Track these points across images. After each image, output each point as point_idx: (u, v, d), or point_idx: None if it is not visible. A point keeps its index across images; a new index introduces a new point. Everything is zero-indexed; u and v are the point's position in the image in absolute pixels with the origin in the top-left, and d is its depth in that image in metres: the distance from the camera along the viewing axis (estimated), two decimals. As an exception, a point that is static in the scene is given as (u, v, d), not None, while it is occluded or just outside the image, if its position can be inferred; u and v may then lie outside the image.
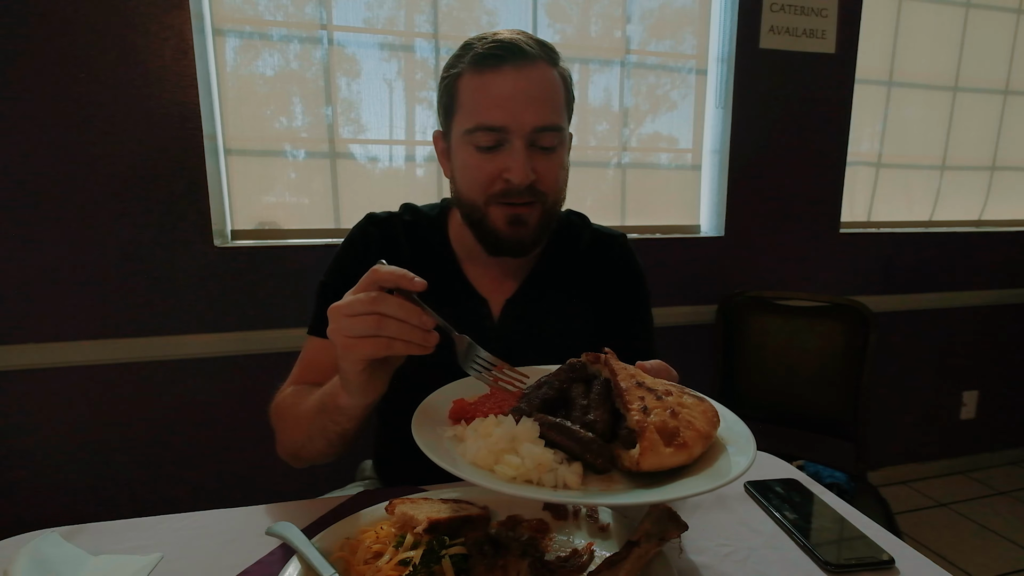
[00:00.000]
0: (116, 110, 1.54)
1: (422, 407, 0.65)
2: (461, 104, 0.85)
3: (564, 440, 0.57)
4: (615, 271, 1.03)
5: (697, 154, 2.15)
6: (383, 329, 0.61)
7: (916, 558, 0.64)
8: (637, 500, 0.52)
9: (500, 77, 0.81)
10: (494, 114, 0.81)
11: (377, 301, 0.61)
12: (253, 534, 0.68)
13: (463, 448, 0.57)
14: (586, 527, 0.66)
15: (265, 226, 1.78)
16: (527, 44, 0.83)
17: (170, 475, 1.73)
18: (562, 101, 0.87)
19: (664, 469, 0.55)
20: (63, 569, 0.62)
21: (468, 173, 0.86)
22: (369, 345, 0.62)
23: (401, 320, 0.62)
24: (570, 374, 0.67)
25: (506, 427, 0.57)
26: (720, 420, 0.61)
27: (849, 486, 1.64)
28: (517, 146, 0.82)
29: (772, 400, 1.93)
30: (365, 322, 0.61)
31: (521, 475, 0.53)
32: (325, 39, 1.74)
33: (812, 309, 1.89)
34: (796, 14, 2.04)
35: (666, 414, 0.57)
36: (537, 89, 0.82)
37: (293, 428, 0.85)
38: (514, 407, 0.62)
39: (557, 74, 0.87)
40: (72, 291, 1.58)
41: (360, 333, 0.62)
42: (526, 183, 0.82)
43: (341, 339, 0.63)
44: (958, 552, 2.05)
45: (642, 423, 0.55)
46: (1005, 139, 2.55)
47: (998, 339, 2.59)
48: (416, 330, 0.62)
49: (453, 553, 0.56)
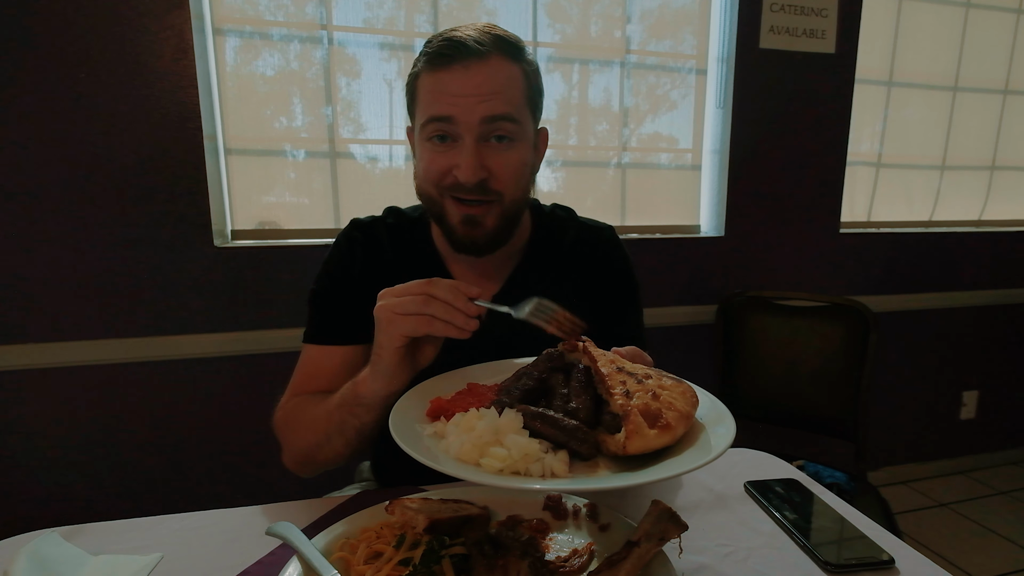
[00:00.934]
0: (116, 110, 1.54)
1: (397, 407, 0.65)
2: (419, 102, 0.86)
3: (548, 429, 0.57)
4: (602, 264, 1.02)
5: (697, 154, 2.15)
6: (428, 307, 0.66)
7: (916, 558, 0.64)
8: (626, 483, 0.52)
9: (450, 74, 0.82)
10: (443, 106, 0.82)
11: (431, 284, 0.68)
12: (253, 534, 0.68)
13: (446, 444, 0.57)
14: (586, 527, 0.66)
15: (265, 226, 1.78)
16: (477, 41, 0.83)
17: (170, 475, 1.73)
18: (520, 94, 0.85)
19: (650, 451, 0.55)
20: (63, 569, 0.62)
21: (423, 167, 0.87)
22: (412, 321, 0.67)
23: (447, 302, 0.66)
24: (548, 364, 0.67)
25: (489, 419, 0.58)
26: (698, 401, 0.62)
27: (849, 486, 1.64)
28: (467, 142, 0.82)
29: (772, 400, 1.93)
30: (415, 300, 0.67)
31: (508, 467, 0.53)
32: (325, 39, 1.74)
33: (812, 309, 1.89)
34: (796, 14, 2.04)
35: (648, 397, 0.58)
36: (488, 83, 0.82)
37: (307, 432, 0.85)
38: (495, 399, 0.63)
39: (519, 68, 0.86)
40: (72, 291, 1.58)
41: (406, 310, 0.67)
42: (473, 181, 0.82)
43: (387, 314, 0.68)
44: (958, 552, 2.05)
45: (625, 407, 0.56)
46: (1005, 139, 2.55)
47: (998, 339, 2.59)
48: (458, 313, 0.67)
49: (453, 553, 0.56)
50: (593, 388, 0.63)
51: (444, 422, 0.61)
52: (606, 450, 0.57)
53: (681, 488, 0.80)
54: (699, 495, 0.78)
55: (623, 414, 0.56)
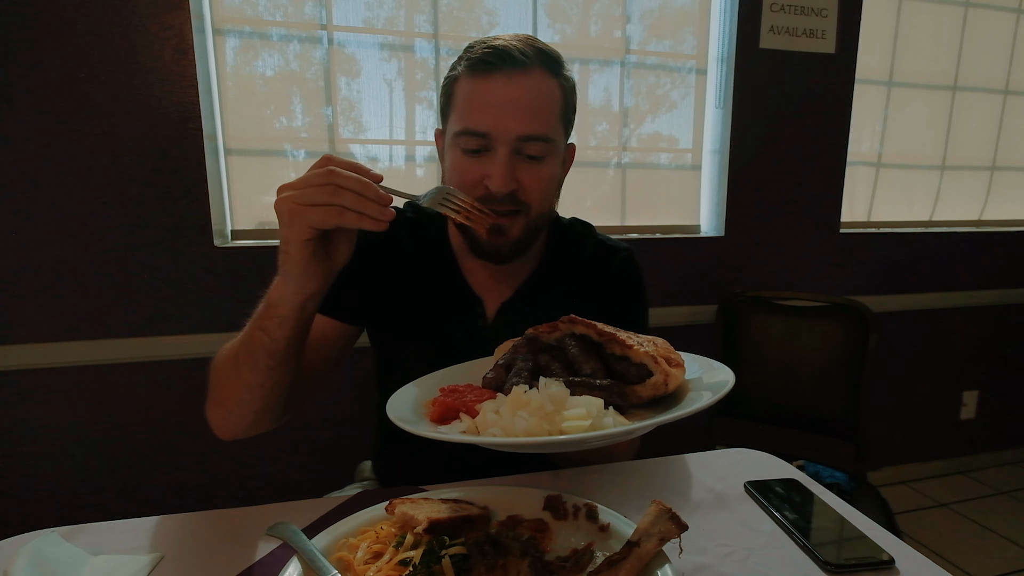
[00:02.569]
0: (116, 110, 1.54)
1: (393, 414, 0.62)
2: (455, 107, 0.86)
3: (588, 392, 0.61)
4: (615, 283, 1.02)
5: (697, 154, 2.15)
6: (336, 198, 0.60)
7: (916, 558, 0.64)
8: (692, 408, 0.56)
9: (490, 83, 0.81)
10: (479, 119, 0.81)
11: (333, 173, 0.60)
12: (253, 534, 0.68)
13: (501, 430, 0.57)
14: (586, 527, 0.66)
15: (265, 226, 1.78)
16: (521, 52, 0.82)
17: (170, 475, 1.73)
18: (556, 111, 0.86)
19: (676, 387, 0.63)
20: (63, 569, 0.62)
21: (454, 175, 0.87)
22: (320, 213, 0.61)
23: (356, 192, 0.61)
24: (532, 346, 0.70)
25: (541, 393, 0.59)
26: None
27: (849, 486, 1.64)
28: (500, 153, 0.81)
29: (772, 400, 1.93)
30: (320, 191, 0.60)
31: (594, 423, 0.56)
32: (325, 39, 1.74)
33: (812, 309, 1.89)
34: (796, 14, 2.04)
35: (652, 345, 0.65)
36: (527, 97, 0.82)
37: (221, 368, 0.78)
38: (508, 385, 0.64)
39: (557, 84, 0.86)
40: (72, 291, 1.58)
41: (312, 201, 0.61)
42: (504, 192, 0.82)
43: (290, 206, 0.62)
44: (958, 552, 2.05)
45: (650, 353, 0.62)
46: (1005, 139, 2.55)
47: (998, 339, 2.59)
48: (371, 202, 0.61)
49: (453, 553, 0.56)
50: (596, 352, 0.67)
51: (467, 419, 0.61)
52: (637, 399, 0.62)
53: (681, 488, 0.80)
54: (699, 495, 0.78)
55: (651, 360, 0.62)
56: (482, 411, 0.60)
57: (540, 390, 0.60)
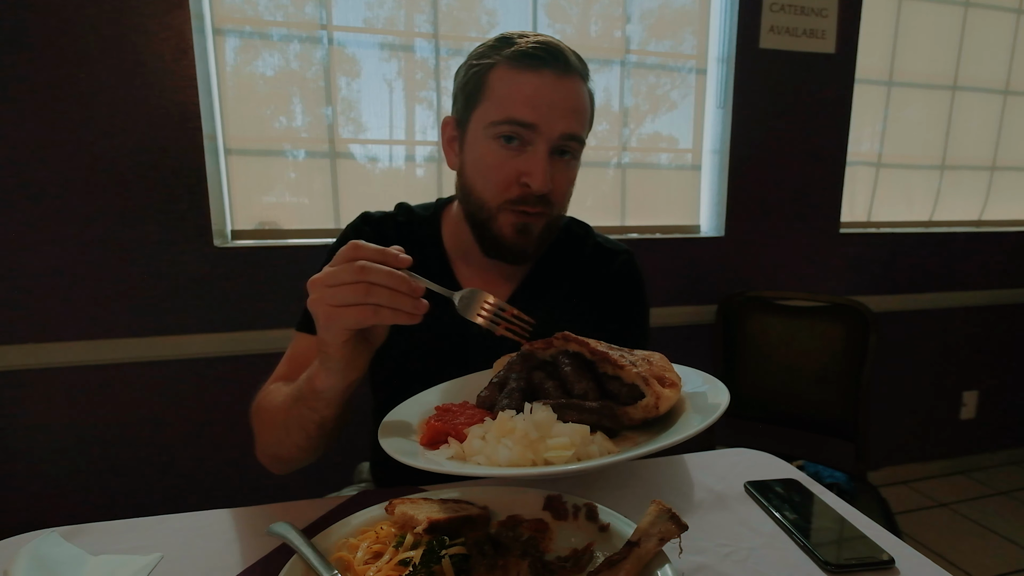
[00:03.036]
0: (116, 110, 1.54)
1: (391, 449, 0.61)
2: (490, 95, 0.82)
3: (578, 415, 0.60)
4: (614, 284, 1.01)
5: (697, 154, 2.15)
6: (371, 296, 0.59)
7: (916, 558, 0.64)
8: (682, 436, 0.55)
9: (539, 78, 0.80)
10: (527, 111, 0.80)
11: (364, 270, 0.59)
12: (253, 534, 0.68)
13: (486, 457, 0.57)
14: (586, 527, 0.65)
15: (265, 226, 1.78)
16: (571, 54, 0.83)
17: (170, 475, 1.73)
18: (588, 118, 0.87)
19: (669, 408, 0.61)
20: (63, 569, 0.62)
21: (485, 170, 0.84)
22: (355, 313, 0.60)
23: (390, 288, 0.60)
24: (526, 363, 0.69)
25: (526, 419, 0.58)
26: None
27: (849, 486, 1.64)
28: (540, 150, 0.80)
29: (772, 400, 1.93)
30: (352, 290, 0.59)
31: (576, 452, 0.55)
32: (325, 39, 1.74)
33: (812, 309, 1.89)
34: (796, 14, 2.04)
35: (645, 364, 0.63)
36: (573, 100, 0.82)
37: (270, 423, 0.81)
38: (498, 406, 0.64)
39: (588, 91, 0.87)
40: (72, 291, 1.58)
41: (345, 302, 0.60)
42: (546, 190, 0.81)
43: (324, 308, 0.61)
44: (958, 552, 2.06)
45: (642, 374, 0.61)
46: (1005, 139, 2.55)
47: (998, 339, 2.59)
48: (405, 297, 0.60)
49: (453, 553, 0.56)
50: (589, 370, 0.65)
51: (455, 443, 0.60)
52: (628, 420, 0.60)
53: (681, 488, 0.80)
54: (699, 495, 0.78)
55: (642, 381, 0.60)
56: (469, 436, 0.60)
57: (526, 416, 0.59)
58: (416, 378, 0.78)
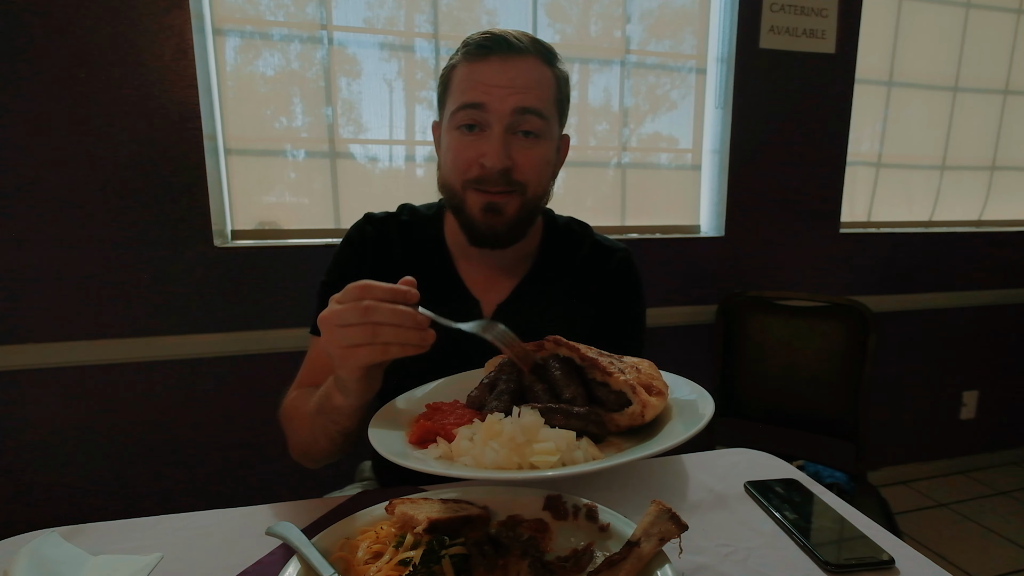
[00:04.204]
0: (116, 110, 1.54)
1: (380, 445, 0.60)
2: (452, 91, 0.88)
3: (565, 420, 0.60)
4: (612, 283, 1.02)
5: (697, 154, 2.15)
6: (379, 336, 0.61)
7: (916, 558, 0.64)
8: (666, 445, 0.55)
9: (486, 64, 0.84)
10: (476, 94, 0.83)
11: (369, 311, 0.61)
12: (253, 534, 0.68)
13: (473, 459, 0.57)
14: (586, 527, 0.65)
15: (265, 226, 1.78)
16: (516, 38, 0.85)
17: (170, 475, 1.73)
18: (550, 95, 0.88)
19: (655, 417, 0.61)
20: (63, 569, 0.62)
21: (451, 158, 0.88)
22: (365, 352, 0.62)
23: (396, 325, 0.61)
24: (517, 365, 0.69)
25: (513, 422, 0.58)
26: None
27: (849, 486, 1.64)
28: (495, 130, 0.83)
29: (772, 400, 1.93)
30: (360, 332, 0.61)
31: (562, 458, 0.55)
32: (325, 39, 1.74)
33: (812, 309, 1.89)
34: (796, 14, 2.04)
35: (634, 372, 0.64)
36: (522, 77, 0.84)
37: (299, 429, 0.86)
38: (487, 407, 0.64)
39: (551, 72, 0.88)
40: (72, 291, 1.58)
41: (355, 342, 0.62)
42: (499, 167, 0.83)
43: (337, 349, 0.63)
44: (958, 552, 2.06)
45: (629, 382, 0.61)
46: (1005, 139, 2.55)
47: (998, 339, 2.59)
48: (412, 332, 0.62)
49: (453, 553, 0.56)
50: (578, 375, 0.66)
51: (443, 443, 0.60)
52: (615, 427, 0.61)
53: (681, 488, 0.80)
54: (699, 495, 0.78)
55: (629, 389, 0.61)
56: (458, 437, 0.60)
57: (514, 419, 0.59)
58: (408, 375, 0.78)
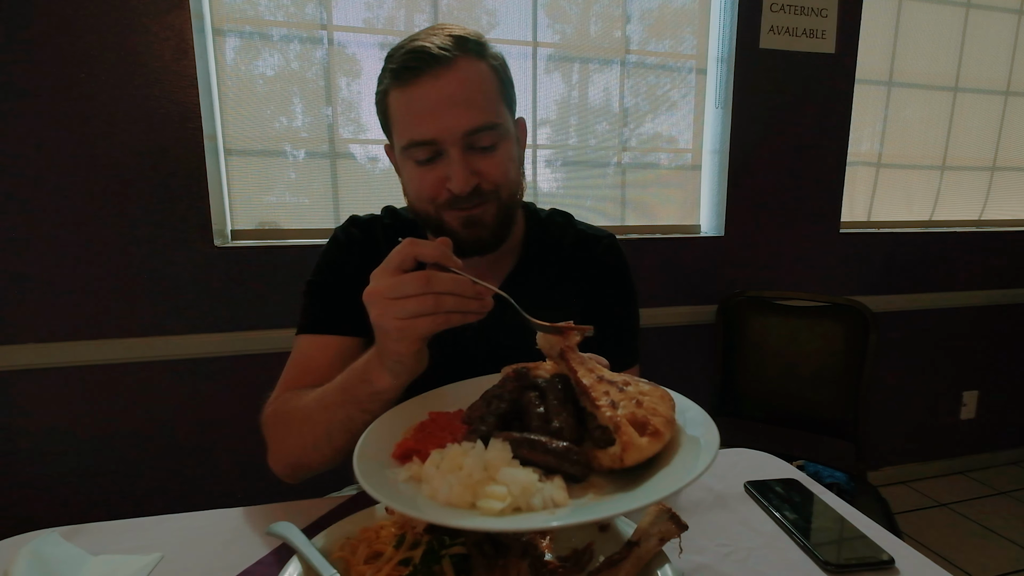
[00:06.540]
0: (116, 110, 1.54)
1: (360, 451, 0.57)
2: (394, 121, 0.84)
3: (539, 456, 0.52)
4: (598, 271, 1.01)
5: (697, 154, 2.15)
6: (440, 306, 0.61)
7: (916, 558, 0.64)
8: (635, 504, 0.48)
9: (419, 89, 0.79)
10: (422, 129, 0.80)
11: (431, 281, 0.60)
12: (253, 534, 0.68)
13: (430, 489, 0.52)
14: (586, 527, 0.65)
15: (265, 226, 1.78)
16: (440, 47, 0.78)
17: (170, 475, 1.73)
18: (494, 93, 0.84)
19: (644, 460, 0.52)
20: (63, 569, 0.62)
21: (415, 189, 0.85)
22: (428, 323, 0.62)
23: (457, 294, 0.61)
24: (518, 383, 0.63)
25: (476, 455, 0.52)
26: (675, 404, 0.59)
27: (849, 486, 1.64)
28: (453, 155, 0.80)
29: (772, 400, 1.93)
30: (421, 302, 0.61)
31: (510, 505, 0.49)
32: (325, 39, 1.74)
33: (812, 309, 1.89)
34: (796, 14, 2.04)
35: (632, 405, 0.55)
36: (459, 89, 0.79)
37: (301, 431, 0.80)
38: (471, 428, 0.58)
39: (486, 65, 0.83)
40: (72, 291, 1.58)
41: (416, 313, 0.61)
42: (467, 189, 0.81)
43: (395, 322, 0.62)
44: (958, 552, 2.05)
45: (615, 418, 0.53)
46: (1005, 139, 2.55)
47: (998, 339, 2.59)
48: (472, 301, 0.62)
49: (453, 553, 0.56)
50: (573, 402, 0.59)
51: (418, 463, 0.56)
52: (598, 466, 0.53)
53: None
54: (699, 495, 0.78)
55: (613, 426, 0.53)
56: (429, 459, 0.55)
57: (479, 452, 0.53)
58: (421, 385, 0.77)
